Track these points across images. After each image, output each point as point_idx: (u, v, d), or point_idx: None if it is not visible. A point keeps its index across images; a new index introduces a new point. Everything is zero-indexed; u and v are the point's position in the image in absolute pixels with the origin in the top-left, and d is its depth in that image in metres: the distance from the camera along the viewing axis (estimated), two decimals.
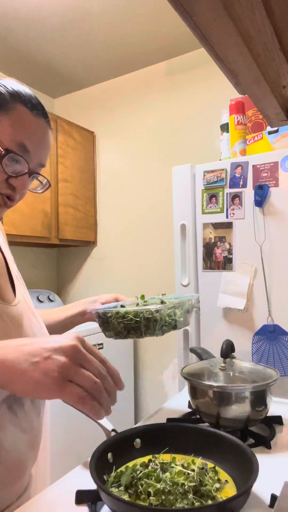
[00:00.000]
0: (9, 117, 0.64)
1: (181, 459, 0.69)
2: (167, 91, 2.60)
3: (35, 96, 0.69)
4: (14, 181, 0.66)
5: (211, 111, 2.37)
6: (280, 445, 0.82)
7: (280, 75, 0.60)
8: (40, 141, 0.68)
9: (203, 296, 1.42)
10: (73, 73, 2.77)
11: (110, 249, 2.83)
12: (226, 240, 1.37)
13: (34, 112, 0.67)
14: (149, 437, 0.74)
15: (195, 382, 0.86)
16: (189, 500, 0.57)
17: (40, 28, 2.24)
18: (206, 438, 0.73)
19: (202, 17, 0.46)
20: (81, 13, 2.12)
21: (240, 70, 0.58)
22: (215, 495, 0.59)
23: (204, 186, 1.41)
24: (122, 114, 2.79)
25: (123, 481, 0.61)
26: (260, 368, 0.94)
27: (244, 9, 0.44)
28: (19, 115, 0.65)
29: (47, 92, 3.04)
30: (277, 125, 0.81)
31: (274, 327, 1.26)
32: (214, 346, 1.06)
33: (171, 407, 1.07)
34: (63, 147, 2.61)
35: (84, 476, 0.72)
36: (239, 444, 0.67)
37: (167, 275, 2.42)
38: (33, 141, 0.66)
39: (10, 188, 0.67)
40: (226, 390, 0.83)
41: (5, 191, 0.67)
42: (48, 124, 0.70)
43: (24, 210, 2.30)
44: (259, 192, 1.29)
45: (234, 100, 1.54)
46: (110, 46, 2.45)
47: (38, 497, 0.67)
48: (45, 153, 0.70)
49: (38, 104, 0.68)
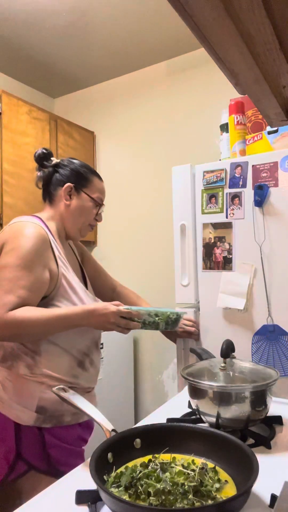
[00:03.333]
0: (93, 185, 1.21)
1: (181, 459, 0.69)
2: (167, 91, 2.60)
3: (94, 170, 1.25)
4: (98, 217, 1.24)
5: (211, 111, 2.37)
6: (280, 445, 0.82)
7: (280, 75, 0.60)
8: (104, 193, 1.26)
9: (203, 296, 1.42)
10: (73, 73, 2.77)
11: (110, 249, 2.82)
12: (226, 240, 1.37)
13: (99, 178, 1.25)
14: (149, 437, 0.74)
15: (195, 382, 0.86)
16: (189, 500, 0.57)
17: (40, 28, 2.24)
18: (206, 438, 0.73)
19: (202, 17, 0.46)
20: (81, 13, 2.12)
21: (240, 70, 0.58)
22: (215, 495, 0.59)
23: (203, 186, 1.41)
24: (122, 114, 2.79)
25: (123, 481, 0.61)
26: (260, 368, 0.94)
27: (244, 9, 0.44)
28: (96, 182, 1.23)
29: (47, 92, 3.04)
30: (277, 125, 0.81)
31: (274, 327, 1.26)
32: (214, 346, 1.06)
33: (171, 407, 1.07)
34: (63, 147, 2.61)
35: (84, 476, 0.72)
36: (239, 444, 0.67)
37: (167, 275, 2.42)
38: (104, 194, 1.26)
39: (95, 222, 1.24)
40: (226, 390, 0.83)
41: (93, 223, 1.23)
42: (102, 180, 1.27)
43: (24, 210, 2.30)
44: (258, 192, 1.28)
45: (234, 100, 1.54)
46: (110, 46, 2.45)
47: (38, 497, 0.67)
48: (104, 197, 1.27)
49: (96, 172, 1.26)
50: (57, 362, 1.03)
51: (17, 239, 1.02)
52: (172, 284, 1.57)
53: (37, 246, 1.02)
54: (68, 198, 1.17)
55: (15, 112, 2.26)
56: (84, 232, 1.23)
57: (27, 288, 0.97)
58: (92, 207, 1.20)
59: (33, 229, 1.05)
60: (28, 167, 2.35)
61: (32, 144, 2.37)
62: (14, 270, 0.98)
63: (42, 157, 1.23)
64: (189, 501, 0.56)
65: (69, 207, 1.17)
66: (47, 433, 1.00)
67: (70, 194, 1.17)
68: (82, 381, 1.08)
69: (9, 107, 2.23)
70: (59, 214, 1.18)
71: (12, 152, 2.24)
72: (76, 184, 1.18)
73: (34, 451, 0.99)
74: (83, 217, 1.18)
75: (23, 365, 1.01)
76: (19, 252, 0.99)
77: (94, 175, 1.22)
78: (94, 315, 0.99)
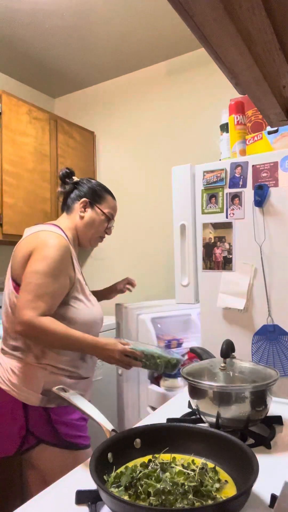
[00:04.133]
0: (106, 202, 1.39)
1: (181, 459, 0.69)
2: (167, 91, 2.60)
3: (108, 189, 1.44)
4: (108, 230, 1.43)
5: (211, 111, 2.37)
6: (280, 445, 0.82)
7: (280, 75, 0.60)
8: (116, 210, 1.44)
9: (203, 296, 1.42)
10: (73, 73, 2.77)
11: (110, 249, 2.82)
12: (226, 240, 1.37)
13: (113, 197, 1.43)
14: (149, 437, 0.74)
15: (195, 382, 0.86)
16: (189, 500, 0.57)
17: (41, 28, 2.24)
18: (206, 438, 0.73)
19: (202, 17, 0.46)
20: (81, 13, 2.12)
21: (240, 70, 0.58)
22: (215, 495, 0.59)
23: (204, 186, 1.41)
24: (122, 114, 2.79)
25: (123, 481, 0.61)
26: (260, 368, 0.94)
27: (244, 9, 0.44)
28: (109, 200, 1.41)
29: (47, 92, 3.04)
30: (277, 125, 0.81)
31: (274, 327, 1.26)
32: (214, 346, 1.06)
33: (171, 407, 1.07)
34: (63, 147, 2.61)
35: (84, 476, 0.72)
36: (239, 444, 0.67)
37: (167, 275, 2.42)
38: (115, 211, 1.43)
39: (105, 234, 1.43)
40: (226, 390, 0.83)
41: (103, 235, 1.42)
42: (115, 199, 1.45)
43: (24, 210, 2.30)
44: (258, 192, 1.29)
45: (234, 100, 1.54)
46: (110, 46, 2.45)
47: (38, 497, 0.67)
48: (115, 213, 1.44)
49: (111, 192, 1.44)
50: (62, 355, 1.19)
51: (46, 248, 1.17)
52: (172, 284, 1.58)
53: (62, 257, 1.18)
54: (83, 211, 1.35)
55: (15, 112, 2.26)
56: (94, 243, 1.41)
57: (52, 295, 1.14)
58: (104, 221, 1.38)
59: (59, 240, 1.20)
60: (28, 167, 2.35)
61: (32, 144, 2.37)
62: (44, 277, 1.13)
63: (66, 176, 1.41)
64: (189, 501, 0.56)
65: (83, 219, 1.35)
66: (52, 412, 1.15)
67: (85, 207, 1.36)
68: (82, 371, 1.25)
69: (9, 107, 2.23)
70: (75, 224, 1.35)
71: (12, 152, 2.24)
72: (91, 200, 1.36)
73: (41, 428, 1.15)
74: (94, 228, 1.36)
75: (32, 355, 1.18)
76: (48, 261, 1.15)
77: (108, 194, 1.42)
78: (104, 349, 1.19)
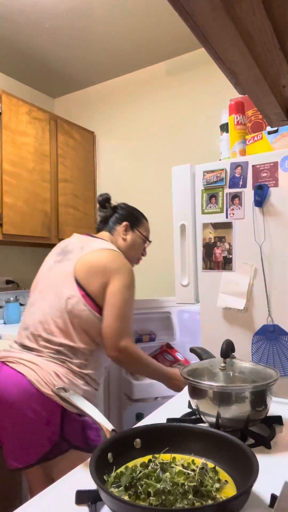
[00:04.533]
0: (143, 225, 1.54)
1: (181, 459, 0.69)
2: (167, 91, 2.60)
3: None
4: (144, 252, 1.57)
5: (211, 111, 2.37)
6: (280, 445, 0.82)
7: (280, 75, 0.60)
8: (150, 232, 1.58)
9: (203, 296, 1.42)
10: (73, 73, 2.77)
11: None
12: (226, 240, 1.37)
13: (146, 220, 1.57)
14: (149, 437, 0.74)
15: (195, 382, 0.86)
16: (189, 500, 0.57)
17: (41, 28, 2.24)
18: (206, 438, 0.73)
19: (202, 17, 0.46)
20: (81, 13, 2.12)
21: (240, 70, 0.58)
22: (215, 495, 0.59)
23: (203, 186, 1.41)
24: (122, 114, 2.79)
25: (123, 481, 0.61)
26: (260, 368, 0.94)
27: (244, 9, 0.44)
28: (145, 223, 1.56)
29: (47, 92, 3.04)
30: (277, 125, 0.81)
31: (274, 327, 1.26)
32: (214, 346, 1.06)
33: (171, 407, 1.07)
34: (63, 147, 2.61)
35: (84, 476, 0.72)
36: (239, 444, 0.67)
37: (167, 275, 2.42)
38: (149, 233, 1.58)
39: (141, 256, 1.57)
40: (226, 390, 0.83)
41: (140, 257, 1.55)
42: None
43: (24, 210, 2.30)
44: (258, 192, 1.28)
45: (234, 100, 1.54)
46: (110, 46, 2.45)
47: (38, 497, 0.67)
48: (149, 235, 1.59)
49: (144, 215, 1.58)
50: (98, 367, 1.29)
51: (129, 276, 1.30)
52: (172, 284, 1.57)
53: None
54: (125, 233, 1.48)
55: (15, 112, 2.26)
56: (133, 264, 1.49)
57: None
58: (142, 243, 1.53)
59: (131, 266, 1.35)
60: (28, 167, 2.35)
61: (32, 144, 2.37)
62: (131, 306, 1.28)
63: (106, 200, 1.56)
64: (189, 501, 0.56)
65: (125, 241, 1.47)
66: (85, 419, 1.18)
67: (126, 230, 1.49)
68: (101, 382, 1.35)
69: (9, 107, 2.23)
70: (118, 246, 1.45)
71: (12, 152, 2.24)
72: (131, 223, 1.50)
73: (75, 433, 1.17)
74: (135, 250, 1.50)
75: (77, 363, 1.22)
76: (133, 290, 1.30)
77: (143, 217, 1.57)
78: (173, 379, 1.34)
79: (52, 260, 1.41)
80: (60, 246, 1.46)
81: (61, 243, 1.47)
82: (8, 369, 1.20)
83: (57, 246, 1.48)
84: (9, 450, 1.16)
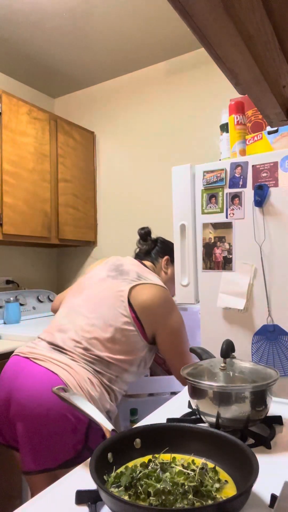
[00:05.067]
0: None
1: (181, 459, 0.69)
2: (167, 91, 2.60)
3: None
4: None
5: (211, 111, 2.37)
6: (280, 445, 0.82)
7: (280, 75, 0.60)
8: None
9: (203, 296, 1.42)
10: (73, 73, 2.77)
11: (110, 249, 2.82)
12: (226, 240, 1.37)
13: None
14: (149, 437, 0.74)
15: (195, 382, 0.86)
16: (189, 500, 0.57)
17: (40, 28, 2.24)
18: (206, 438, 0.73)
19: (202, 17, 0.46)
20: (81, 13, 2.12)
21: (240, 70, 0.58)
22: (215, 495, 0.59)
23: (203, 186, 1.41)
24: (122, 114, 2.79)
25: (123, 481, 0.61)
26: (260, 368, 0.94)
27: (244, 9, 0.44)
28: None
29: (47, 92, 3.04)
30: (277, 125, 0.81)
31: (274, 327, 1.26)
32: (214, 346, 1.06)
33: (171, 407, 1.07)
34: (63, 147, 2.61)
35: (84, 476, 0.72)
36: (239, 444, 0.67)
37: None
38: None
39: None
40: (226, 390, 0.83)
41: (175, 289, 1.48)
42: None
43: (24, 210, 2.30)
44: (258, 192, 1.28)
45: (234, 100, 1.54)
46: (110, 46, 2.45)
47: (38, 497, 0.67)
48: None
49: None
50: (124, 386, 1.31)
51: (177, 314, 1.39)
52: None
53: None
54: (166, 267, 1.57)
55: (15, 112, 2.26)
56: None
57: None
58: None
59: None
60: (28, 167, 2.35)
61: (32, 144, 2.37)
62: (186, 337, 1.40)
63: (147, 233, 1.65)
64: (189, 501, 0.56)
65: (167, 275, 1.57)
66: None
67: (167, 264, 1.57)
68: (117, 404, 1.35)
69: (9, 107, 2.23)
70: (161, 278, 1.52)
71: (12, 152, 2.24)
72: (171, 257, 1.56)
73: (97, 442, 1.12)
74: (173, 283, 1.51)
75: (109, 376, 1.24)
76: (183, 323, 1.40)
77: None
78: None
79: (105, 274, 1.43)
80: (112, 261, 1.51)
81: (113, 258, 1.53)
82: (37, 367, 1.17)
83: (108, 260, 1.53)
84: (28, 452, 1.10)
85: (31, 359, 1.21)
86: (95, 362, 1.22)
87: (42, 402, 1.09)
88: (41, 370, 1.16)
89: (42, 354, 1.21)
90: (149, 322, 1.31)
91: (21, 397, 1.13)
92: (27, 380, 1.15)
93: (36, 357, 1.21)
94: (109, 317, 1.27)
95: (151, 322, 1.32)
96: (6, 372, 1.24)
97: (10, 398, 1.17)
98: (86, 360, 1.21)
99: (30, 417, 1.10)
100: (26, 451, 1.10)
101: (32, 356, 1.22)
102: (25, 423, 1.11)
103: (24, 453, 1.11)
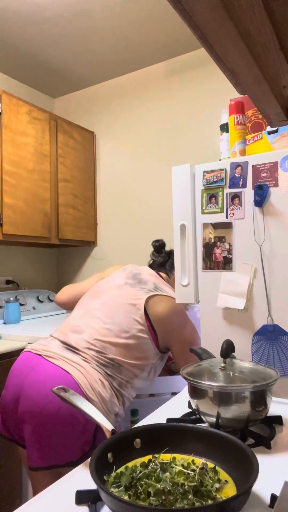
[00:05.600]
0: None
1: (181, 459, 0.69)
2: (167, 91, 2.60)
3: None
4: None
5: (211, 111, 2.37)
6: (280, 445, 0.82)
7: (280, 75, 0.60)
8: None
9: (203, 296, 1.42)
10: (73, 73, 2.77)
11: (110, 249, 2.83)
12: (226, 240, 1.37)
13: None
14: (149, 437, 0.74)
15: (195, 382, 0.86)
16: (189, 500, 0.57)
17: (41, 28, 2.24)
18: (206, 438, 0.73)
19: (202, 17, 0.46)
20: (81, 14, 2.12)
21: (240, 70, 0.58)
22: (215, 495, 0.59)
23: (203, 186, 1.41)
24: (122, 114, 2.79)
25: (123, 481, 0.61)
26: (260, 368, 0.94)
27: (244, 9, 0.44)
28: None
29: (47, 92, 3.04)
30: (277, 125, 0.81)
31: (274, 327, 1.26)
32: (214, 346, 1.06)
33: (171, 407, 1.07)
34: (63, 147, 2.61)
35: (84, 476, 0.72)
36: (239, 444, 0.67)
37: None
38: None
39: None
40: (226, 390, 0.83)
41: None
42: None
43: (24, 210, 2.30)
44: (258, 192, 1.28)
45: (234, 100, 1.54)
46: (110, 46, 2.45)
47: (38, 497, 0.67)
48: None
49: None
50: (133, 391, 1.32)
51: (189, 324, 1.40)
52: None
53: None
54: None
55: (15, 112, 2.26)
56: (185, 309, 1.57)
57: None
58: None
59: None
60: (28, 167, 2.35)
61: (32, 144, 2.37)
62: (197, 335, 1.41)
63: (161, 246, 1.65)
64: (189, 501, 0.56)
65: None
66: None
67: None
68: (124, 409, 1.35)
69: (9, 107, 2.23)
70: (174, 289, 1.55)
71: (12, 152, 2.24)
72: None
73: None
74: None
75: (119, 380, 1.25)
76: (194, 328, 1.42)
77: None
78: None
79: (122, 281, 1.45)
80: (129, 269, 1.52)
81: (130, 266, 1.55)
82: (50, 364, 1.18)
83: (125, 268, 1.55)
84: (35, 449, 1.11)
85: (44, 356, 1.21)
86: (107, 365, 1.23)
87: (53, 400, 1.09)
88: (54, 368, 1.16)
89: (55, 352, 1.22)
90: (163, 332, 1.34)
91: (32, 393, 1.13)
92: (39, 376, 1.15)
93: (49, 355, 1.21)
94: (125, 323, 1.29)
95: (165, 332, 1.34)
96: (17, 368, 1.24)
97: (20, 394, 1.17)
98: (98, 362, 1.22)
99: (40, 414, 1.10)
100: (33, 449, 1.11)
101: (45, 353, 1.22)
102: (34, 420, 1.11)
103: (30, 450, 1.11)
